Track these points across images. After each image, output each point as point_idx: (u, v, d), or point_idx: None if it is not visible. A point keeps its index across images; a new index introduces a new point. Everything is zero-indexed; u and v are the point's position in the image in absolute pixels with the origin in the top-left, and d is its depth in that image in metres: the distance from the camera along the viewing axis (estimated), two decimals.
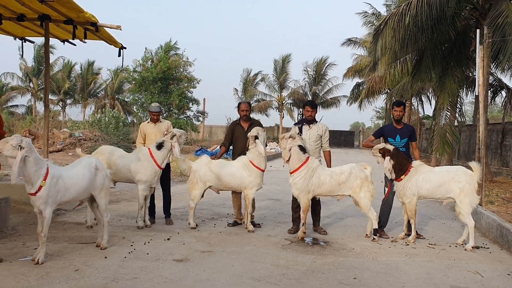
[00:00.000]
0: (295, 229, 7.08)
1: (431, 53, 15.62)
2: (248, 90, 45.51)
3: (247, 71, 47.01)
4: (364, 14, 33.22)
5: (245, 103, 7.74)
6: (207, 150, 24.31)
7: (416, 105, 33.04)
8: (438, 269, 5.38)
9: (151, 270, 4.97)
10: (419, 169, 6.68)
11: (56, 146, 20.60)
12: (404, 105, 7.50)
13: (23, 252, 5.49)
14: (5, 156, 4.87)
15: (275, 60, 45.17)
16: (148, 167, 6.94)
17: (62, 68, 46.50)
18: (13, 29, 8.44)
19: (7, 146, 4.82)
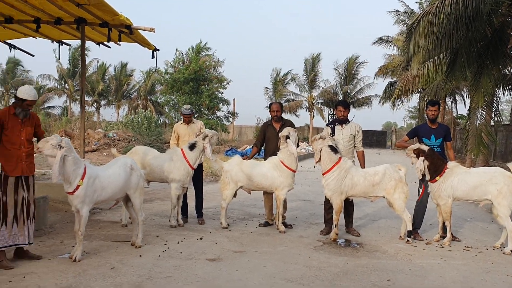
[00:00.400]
0: (327, 230, 7.03)
1: (466, 51, 15.24)
2: (278, 90, 45.44)
3: (277, 71, 46.95)
4: (396, 13, 32.73)
5: (276, 104, 7.74)
6: (237, 150, 24.44)
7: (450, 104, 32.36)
8: (475, 273, 5.26)
9: (184, 269, 5.03)
10: (455, 170, 6.54)
11: (91, 146, 21.08)
12: (439, 104, 7.36)
13: (61, 249, 5.65)
14: (45, 155, 5.02)
15: (305, 59, 44.95)
16: (181, 167, 7.03)
17: (97, 70, 47.52)
18: (50, 33, 8.68)
19: (48, 146, 4.96)
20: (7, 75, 47.66)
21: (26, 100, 5.18)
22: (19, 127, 5.17)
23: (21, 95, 5.16)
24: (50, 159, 5.00)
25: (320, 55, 44.59)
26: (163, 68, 30.55)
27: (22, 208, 5.14)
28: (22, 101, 5.16)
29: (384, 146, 49.08)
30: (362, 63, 44.98)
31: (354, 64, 44.97)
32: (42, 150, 4.98)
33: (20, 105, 5.17)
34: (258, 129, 34.57)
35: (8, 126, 5.09)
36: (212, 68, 30.54)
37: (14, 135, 5.12)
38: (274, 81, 46.33)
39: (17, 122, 5.16)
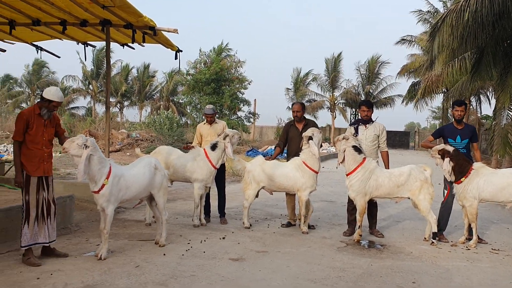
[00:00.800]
0: (350, 231, 6.98)
1: (492, 50, 14.94)
2: (299, 90, 45.29)
3: (297, 71, 46.81)
4: (419, 13, 32.33)
5: (297, 104, 7.71)
6: (258, 151, 24.45)
7: (474, 104, 31.78)
8: (503, 276, 5.15)
9: (208, 268, 5.06)
10: (481, 171, 6.41)
11: (115, 146, 21.37)
12: (465, 104, 7.20)
13: (87, 248, 5.74)
14: (71, 155, 5.10)
15: (327, 59, 44.69)
16: (204, 167, 7.07)
17: (120, 71, 48.18)
18: (76, 34, 8.83)
19: (74, 145, 5.04)
20: (33, 77, 48.69)
21: (53, 101, 5.26)
22: (42, 127, 5.25)
23: (49, 96, 5.24)
24: (76, 158, 5.08)
25: (341, 55, 44.26)
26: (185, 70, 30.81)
27: (43, 207, 5.22)
28: (49, 102, 5.25)
29: (407, 146, 48.43)
30: (384, 63, 44.53)
31: (376, 64, 44.54)
32: (68, 150, 5.06)
33: (46, 106, 5.25)
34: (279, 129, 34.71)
35: (33, 126, 5.17)
36: (233, 69, 30.62)
37: (38, 135, 5.21)
38: (295, 81, 46.20)
39: (41, 122, 5.25)
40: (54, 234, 5.37)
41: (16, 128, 5.14)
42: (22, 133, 5.13)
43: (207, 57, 30.33)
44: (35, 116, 5.21)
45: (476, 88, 24.00)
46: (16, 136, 5.15)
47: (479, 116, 32.58)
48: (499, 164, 18.36)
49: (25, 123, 5.12)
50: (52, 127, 5.42)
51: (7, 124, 28.27)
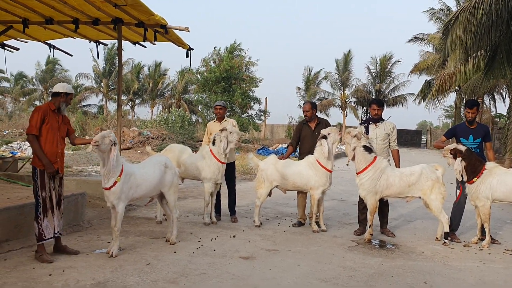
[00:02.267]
0: (361, 230, 6.95)
1: (506, 48, 14.76)
2: (310, 89, 45.19)
3: (308, 69, 46.71)
4: (432, 11, 32.05)
5: (307, 104, 7.66)
6: (269, 149, 24.44)
7: (488, 103, 31.46)
8: None
9: (218, 266, 5.06)
10: (494, 171, 6.33)
11: (126, 144, 21.49)
12: (477, 105, 7.06)
13: (98, 245, 5.78)
14: (100, 150, 5.05)
15: (337, 58, 44.62)
16: (211, 164, 7.08)
17: (132, 69, 48.44)
18: (88, 33, 8.89)
19: (106, 141, 5.04)
20: (46, 75, 49.14)
21: (70, 94, 5.39)
22: (57, 125, 5.30)
23: (65, 89, 5.35)
24: (103, 154, 5.09)
25: (351, 53, 44.20)
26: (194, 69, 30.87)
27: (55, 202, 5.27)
28: (66, 95, 5.34)
29: (419, 145, 48.07)
30: (396, 62, 44.31)
31: (387, 63, 44.30)
32: (99, 145, 4.99)
33: (64, 100, 5.33)
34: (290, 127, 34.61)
35: (49, 123, 5.22)
36: (244, 67, 30.60)
37: (53, 132, 5.25)
38: (306, 79, 46.12)
39: (55, 119, 5.30)
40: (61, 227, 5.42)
41: (33, 122, 5.14)
42: (38, 127, 5.14)
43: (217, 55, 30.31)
44: (51, 112, 5.26)
45: (489, 87, 23.74)
46: (32, 130, 5.12)
47: (493, 115, 32.23)
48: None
49: (42, 117, 5.15)
50: (65, 125, 5.47)
51: (21, 122, 28.60)
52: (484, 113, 31.46)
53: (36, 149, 5.16)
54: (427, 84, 32.13)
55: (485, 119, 31.31)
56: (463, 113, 7.53)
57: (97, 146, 5.00)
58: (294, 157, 8.16)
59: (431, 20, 32.50)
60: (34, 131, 5.14)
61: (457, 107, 32.86)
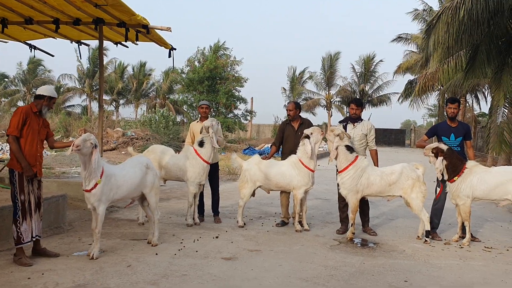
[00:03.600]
0: (343, 229, 6.99)
1: (487, 48, 14.94)
2: (296, 89, 45.34)
3: (292, 69, 46.86)
4: (415, 12, 32.35)
5: (291, 103, 7.69)
6: (255, 149, 24.45)
7: (471, 102, 31.84)
8: (495, 274, 5.16)
9: (200, 267, 5.05)
10: (474, 169, 6.41)
11: (110, 145, 21.33)
12: (459, 102, 7.19)
13: (79, 247, 5.72)
14: (82, 153, 5.00)
15: (323, 57, 44.82)
16: (196, 165, 7.05)
17: (116, 69, 48.07)
18: (69, 33, 8.81)
19: (88, 144, 4.99)
20: (29, 75, 48.51)
21: (53, 98, 5.33)
22: (37, 127, 5.23)
23: (49, 93, 5.29)
24: (84, 157, 5.04)
25: (338, 54, 44.45)
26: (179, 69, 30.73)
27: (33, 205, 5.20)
28: (50, 99, 5.28)
29: (403, 144, 48.51)
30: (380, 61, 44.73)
31: (371, 62, 44.65)
32: (80, 148, 4.94)
33: (47, 103, 5.27)
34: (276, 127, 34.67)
35: (30, 125, 5.15)
36: (229, 67, 30.57)
37: (33, 134, 5.18)
38: (291, 79, 46.26)
39: (37, 122, 5.23)
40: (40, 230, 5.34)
41: (13, 123, 5.06)
42: (19, 128, 5.06)
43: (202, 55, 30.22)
44: (32, 114, 5.19)
45: (471, 86, 24.04)
46: (13, 131, 5.03)
47: (476, 114, 32.65)
48: (495, 162, 18.42)
49: (23, 119, 5.07)
50: (45, 128, 5.41)
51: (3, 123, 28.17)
52: (467, 112, 31.84)
53: (16, 150, 5.08)
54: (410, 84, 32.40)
55: (468, 118, 31.70)
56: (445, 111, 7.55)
57: (78, 150, 4.96)
58: (278, 157, 8.17)
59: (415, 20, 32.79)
60: (15, 132, 5.07)
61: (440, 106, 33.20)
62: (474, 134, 30.92)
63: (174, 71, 31.85)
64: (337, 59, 44.53)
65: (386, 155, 25.56)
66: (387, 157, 21.85)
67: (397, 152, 32.89)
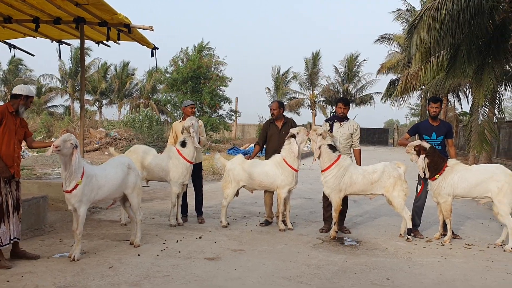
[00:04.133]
0: (327, 228, 7.02)
1: (467, 48, 15.14)
2: (280, 89, 45.43)
3: (276, 69, 46.95)
4: (398, 12, 32.65)
5: (274, 103, 7.69)
6: (240, 149, 24.41)
7: (452, 101, 32.26)
8: (475, 271, 5.22)
9: (182, 268, 5.02)
10: (455, 168, 6.49)
11: (93, 145, 21.12)
12: (441, 101, 7.26)
13: (60, 249, 5.64)
14: (62, 154, 4.93)
15: (306, 58, 45.02)
16: (179, 165, 7.00)
17: (98, 69, 47.58)
18: (50, 32, 8.69)
19: (68, 144, 4.93)
20: (10, 75, 47.73)
21: (31, 97, 5.24)
22: (14, 127, 5.14)
23: (26, 92, 5.21)
24: (64, 158, 4.97)
25: (320, 53, 44.70)
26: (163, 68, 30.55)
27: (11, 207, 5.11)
28: (27, 98, 5.19)
29: (386, 143, 48.97)
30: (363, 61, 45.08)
31: (354, 62, 44.97)
32: (60, 149, 4.88)
33: (24, 103, 5.18)
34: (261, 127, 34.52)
35: (6, 125, 5.05)
36: (213, 66, 30.46)
37: (10, 135, 5.08)
38: (276, 79, 46.34)
39: (13, 121, 5.13)
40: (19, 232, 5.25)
41: None
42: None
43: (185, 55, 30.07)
44: (8, 114, 5.10)
45: (452, 85, 24.34)
46: None
47: (457, 113, 33.08)
48: (476, 160, 18.65)
49: None
50: (23, 128, 5.32)
51: None
52: (449, 111, 32.24)
53: None
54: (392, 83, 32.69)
55: (450, 117, 32.11)
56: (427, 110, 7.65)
57: (58, 150, 4.89)
58: (262, 157, 8.17)
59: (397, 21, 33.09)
60: None
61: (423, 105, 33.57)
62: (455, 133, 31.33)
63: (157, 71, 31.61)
64: (319, 58, 44.75)
65: (370, 154, 25.73)
66: (371, 156, 22.01)
67: (380, 151, 33.14)
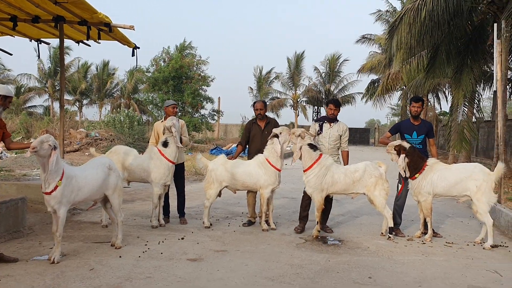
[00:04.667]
0: (301, 227, 7.01)
1: (446, 48, 15.37)
2: (263, 89, 45.47)
3: (259, 69, 46.99)
4: (378, 13, 32.96)
5: (259, 102, 7.68)
6: (222, 149, 24.36)
7: (432, 101, 32.66)
8: (455, 269, 5.29)
9: (164, 269, 4.97)
10: (435, 167, 6.57)
11: (73, 146, 20.83)
12: (422, 101, 7.32)
13: (40, 251, 5.55)
14: (40, 155, 4.85)
15: (289, 58, 45.15)
16: (160, 166, 6.94)
17: (79, 69, 46.97)
18: (28, 31, 8.55)
19: (45, 146, 4.84)
20: None
21: (9, 97, 5.15)
22: None
23: (4, 92, 5.11)
24: (42, 159, 4.88)
25: (303, 54, 44.86)
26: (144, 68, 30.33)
27: None
28: (5, 98, 5.10)
29: (368, 143, 49.37)
30: (344, 61, 45.40)
31: (336, 62, 45.26)
32: (37, 150, 4.79)
33: (2, 103, 5.08)
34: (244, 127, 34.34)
35: None
36: (195, 66, 30.32)
37: None
38: (258, 79, 46.36)
39: None
40: None
41: None
42: None
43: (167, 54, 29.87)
44: None
45: (432, 86, 24.65)
46: None
47: (437, 113, 33.50)
48: (456, 159, 18.94)
49: None
50: (1, 129, 5.21)
51: None
52: (429, 111, 32.63)
53: None
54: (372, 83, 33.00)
55: (430, 116, 32.49)
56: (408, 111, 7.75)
57: (35, 152, 4.80)
58: (245, 157, 8.16)
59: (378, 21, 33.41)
60: None
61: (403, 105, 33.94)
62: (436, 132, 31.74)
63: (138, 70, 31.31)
64: (302, 59, 44.93)
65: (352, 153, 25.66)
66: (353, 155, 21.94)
67: (362, 150, 33.37)
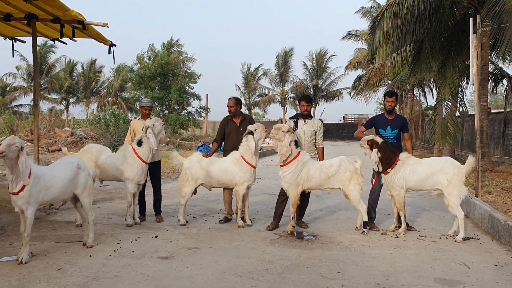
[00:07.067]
0: (274, 225, 6.98)
1: (430, 44, 15.45)
2: (250, 85, 45.41)
3: (247, 66, 46.93)
4: (362, 10, 33.07)
5: (231, 99, 7.59)
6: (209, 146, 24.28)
7: (418, 96, 32.87)
8: (425, 262, 5.33)
9: (133, 268, 4.95)
10: (407, 161, 6.60)
11: (58, 145, 20.67)
12: (396, 95, 7.36)
13: (9, 252, 5.49)
14: (7, 158, 4.80)
15: (277, 54, 45.13)
16: (134, 165, 6.90)
17: (65, 67, 46.62)
18: (2, 29, 8.43)
19: (13, 148, 4.79)
20: None
21: None
22: None
23: None
24: (10, 161, 4.83)
25: (292, 50, 44.90)
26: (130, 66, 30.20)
27: None
28: None
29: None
30: (331, 56, 45.51)
31: (323, 58, 45.36)
32: (5, 154, 4.75)
33: None
34: None
35: None
36: (182, 63, 30.19)
37: None
38: (246, 76, 46.29)
39: None
40: None
41: None
42: None
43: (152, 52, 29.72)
44: None
45: (417, 80, 24.81)
46: None
47: (423, 107, 33.71)
48: (441, 153, 19.06)
49: None
50: None
51: None
52: (415, 106, 32.83)
53: None
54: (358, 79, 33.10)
55: (416, 111, 32.69)
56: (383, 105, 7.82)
57: (3, 156, 4.75)
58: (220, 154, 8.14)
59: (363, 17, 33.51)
60: None
61: None
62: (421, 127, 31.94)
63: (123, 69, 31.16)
64: (291, 55, 44.97)
65: (339, 149, 26.02)
66: (340, 151, 22.19)
67: (349, 145, 33.50)
